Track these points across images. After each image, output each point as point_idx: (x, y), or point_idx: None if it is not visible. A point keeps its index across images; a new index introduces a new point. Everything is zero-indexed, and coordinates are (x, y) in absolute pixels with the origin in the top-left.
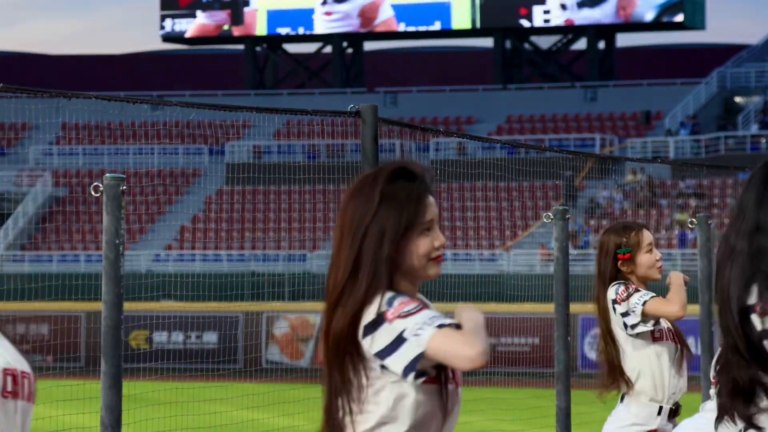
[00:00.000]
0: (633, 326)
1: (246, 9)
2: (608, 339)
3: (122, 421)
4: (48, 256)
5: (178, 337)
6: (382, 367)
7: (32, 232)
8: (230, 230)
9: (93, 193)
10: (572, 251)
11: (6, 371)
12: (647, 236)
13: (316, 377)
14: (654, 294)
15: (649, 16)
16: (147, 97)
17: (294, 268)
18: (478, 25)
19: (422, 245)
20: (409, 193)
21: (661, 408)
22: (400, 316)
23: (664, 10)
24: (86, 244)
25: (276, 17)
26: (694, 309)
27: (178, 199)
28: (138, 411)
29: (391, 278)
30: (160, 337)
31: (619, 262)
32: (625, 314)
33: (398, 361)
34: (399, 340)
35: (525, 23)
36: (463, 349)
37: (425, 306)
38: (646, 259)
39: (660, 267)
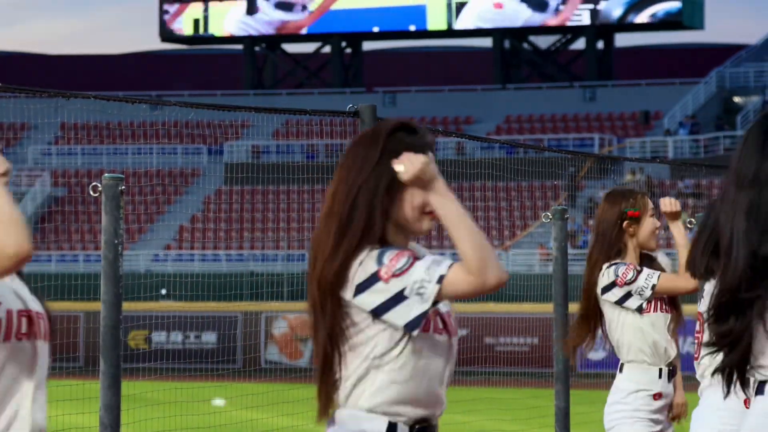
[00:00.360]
0: (639, 308)
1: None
2: (590, 304)
3: (121, 421)
4: (47, 256)
5: (177, 337)
6: (375, 317)
7: (31, 232)
8: (229, 230)
9: (92, 193)
10: (571, 251)
11: (21, 313)
12: (649, 202)
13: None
14: (658, 272)
15: (617, 12)
16: (146, 97)
17: (293, 267)
18: (454, 26)
19: (418, 196)
20: (409, 145)
21: (660, 370)
22: (394, 275)
23: (632, 6)
24: (85, 244)
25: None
26: (693, 308)
27: (176, 199)
28: (137, 411)
29: (384, 230)
30: (158, 337)
31: (626, 223)
32: (626, 296)
33: (400, 316)
34: (398, 298)
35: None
36: (477, 285)
37: (416, 257)
38: (650, 224)
39: (657, 235)
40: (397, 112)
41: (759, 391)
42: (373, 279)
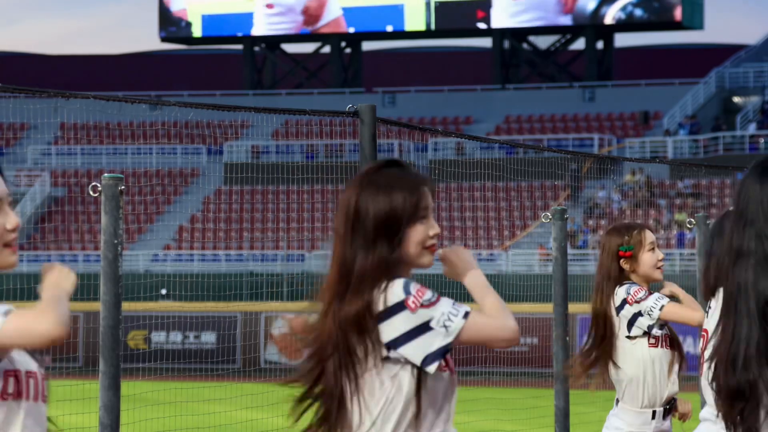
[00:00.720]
0: (650, 327)
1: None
2: (603, 337)
3: (121, 421)
4: (46, 256)
5: (176, 337)
6: (386, 357)
7: (31, 232)
8: (228, 230)
9: (91, 193)
10: (571, 251)
11: (7, 373)
12: (649, 236)
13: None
14: (669, 298)
15: (591, 5)
16: (145, 97)
17: (292, 268)
18: (432, 27)
19: (419, 233)
20: (405, 182)
21: (654, 412)
22: (423, 306)
23: (604, 1)
24: (84, 244)
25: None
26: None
27: (176, 199)
28: (136, 411)
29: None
30: (158, 337)
31: (622, 260)
32: (637, 315)
33: (420, 348)
34: (423, 329)
35: (482, 26)
36: (497, 330)
37: (438, 293)
38: (648, 258)
39: (661, 268)
40: (396, 112)
41: None
42: (398, 308)
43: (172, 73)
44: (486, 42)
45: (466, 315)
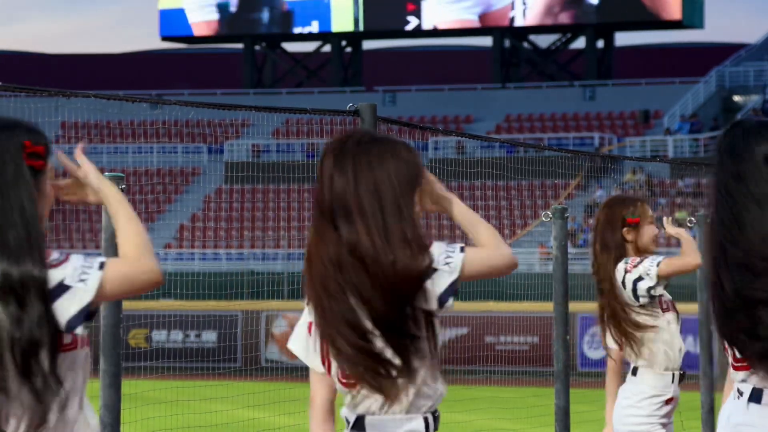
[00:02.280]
0: (649, 289)
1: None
2: (617, 311)
3: (121, 420)
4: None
5: (177, 335)
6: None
7: None
8: (229, 229)
9: None
10: (571, 250)
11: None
12: (649, 209)
13: None
14: (660, 257)
15: None
16: (146, 96)
17: (293, 266)
18: (361, 27)
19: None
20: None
21: (673, 375)
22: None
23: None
24: (85, 243)
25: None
26: (693, 308)
27: (177, 198)
28: (137, 410)
29: None
30: (159, 335)
31: (625, 230)
32: (638, 280)
33: (445, 292)
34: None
35: (413, 21)
36: (498, 259)
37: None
38: (650, 230)
39: (657, 242)
40: (397, 111)
41: None
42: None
43: (172, 72)
44: (486, 41)
45: (462, 249)
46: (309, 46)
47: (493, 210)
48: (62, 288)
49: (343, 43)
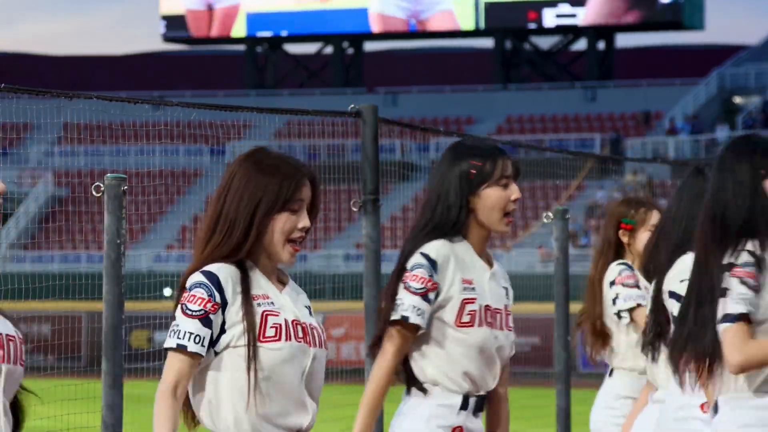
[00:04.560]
0: (618, 313)
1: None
2: (597, 308)
3: (123, 421)
4: (49, 255)
5: None
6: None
7: (34, 231)
8: None
9: (94, 193)
10: (572, 251)
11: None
12: (655, 217)
13: None
14: (645, 300)
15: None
16: (148, 97)
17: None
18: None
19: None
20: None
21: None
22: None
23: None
24: (88, 244)
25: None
26: None
27: (179, 199)
28: (139, 410)
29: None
30: (161, 336)
31: (620, 232)
32: (616, 298)
33: None
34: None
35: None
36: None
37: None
38: (645, 238)
39: None
40: (398, 112)
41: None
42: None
43: (174, 73)
44: (488, 42)
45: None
46: (310, 48)
47: None
48: None
49: (345, 44)
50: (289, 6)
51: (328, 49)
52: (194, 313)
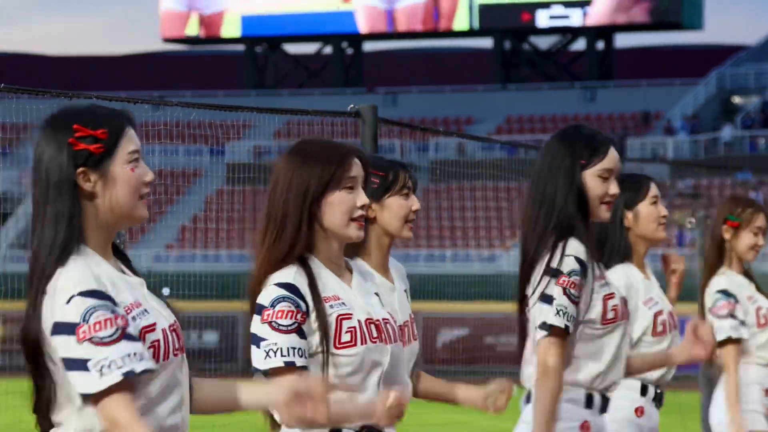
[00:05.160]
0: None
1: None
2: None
3: None
4: None
5: None
6: None
7: None
8: (230, 230)
9: None
10: None
11: (171, 327)
12: (761, 219)
13: None
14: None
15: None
16: (148, 97)
17: None
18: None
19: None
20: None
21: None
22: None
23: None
24: None
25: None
26: (693, 308)
27: (178, 199)
28: None
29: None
30: None
31: (724, 227)
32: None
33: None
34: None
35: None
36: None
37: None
38: (749, 240)
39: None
40: (397, 113)
41: None
42: None
43: (174, 73)
44: (487, 42)
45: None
46: (310, 48)
47: (494, 211)
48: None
49: (344, 44)
50: (287, 8)
51: (328, 49)
52: (289, 328)
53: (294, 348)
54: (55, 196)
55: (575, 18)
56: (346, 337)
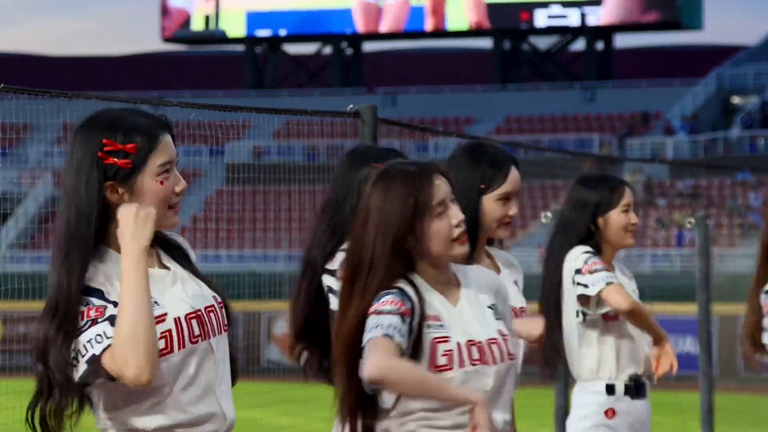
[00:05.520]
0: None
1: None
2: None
3: None
4: (49, 255)
5: None
6: None
7: (34, 231)
8: (230, 230)
9: None
10: None
11: (188, 316)
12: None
13: (317, 377)
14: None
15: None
16: (148, 98)
17: (294, 267)
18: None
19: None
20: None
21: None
22: None
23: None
24: None
25: None
26: (692, 308)
27: None
28: None
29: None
30: None
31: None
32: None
33: None
34: None
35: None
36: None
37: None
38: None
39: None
40: (397, 113)
41: None
42: None
43: (174, 74)
44: (486, 42)
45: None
46: (309, 48)
47: None
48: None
49: (344, 44)
50: (288, 5)
51: (328, 50)
52: (390, 311)
53: (393, 326)
54: (82, 202)
55: (574, 18)
56: (442, 360)
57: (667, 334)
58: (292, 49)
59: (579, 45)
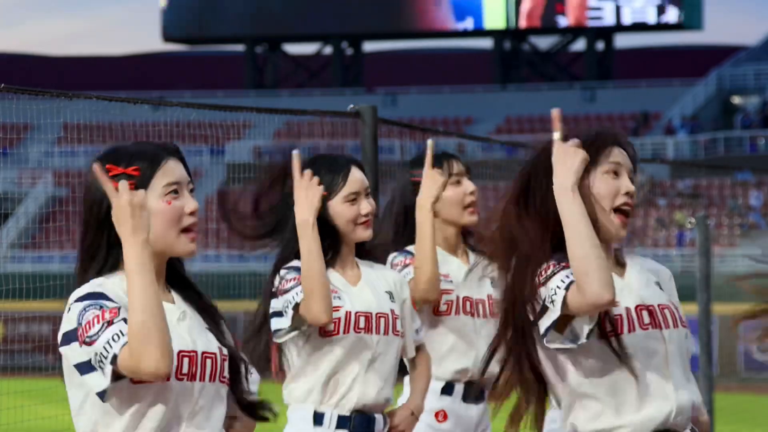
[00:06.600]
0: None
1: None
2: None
3: None
4: (49, 255)
5: None
6: None
7: (34, 231)
8: (230, 230)
9: None
10: None
11: (182, 353)
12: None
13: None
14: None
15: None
16: (148, 98)
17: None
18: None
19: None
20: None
21: None
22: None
23: None
24: None
25: None
26: (692, 308)
27: None
28: None
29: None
30: None
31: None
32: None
33: None
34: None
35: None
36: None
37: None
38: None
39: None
40: (397, 113)
41: None
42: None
43: (174, 74)
44: (487, 43)
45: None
46: (310, 48)
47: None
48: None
49: (344, 44)
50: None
51: (328, 50)
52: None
53: None
54: (95, 227)
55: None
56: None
57: None
58: (292, 49)
59: (579, 45)
